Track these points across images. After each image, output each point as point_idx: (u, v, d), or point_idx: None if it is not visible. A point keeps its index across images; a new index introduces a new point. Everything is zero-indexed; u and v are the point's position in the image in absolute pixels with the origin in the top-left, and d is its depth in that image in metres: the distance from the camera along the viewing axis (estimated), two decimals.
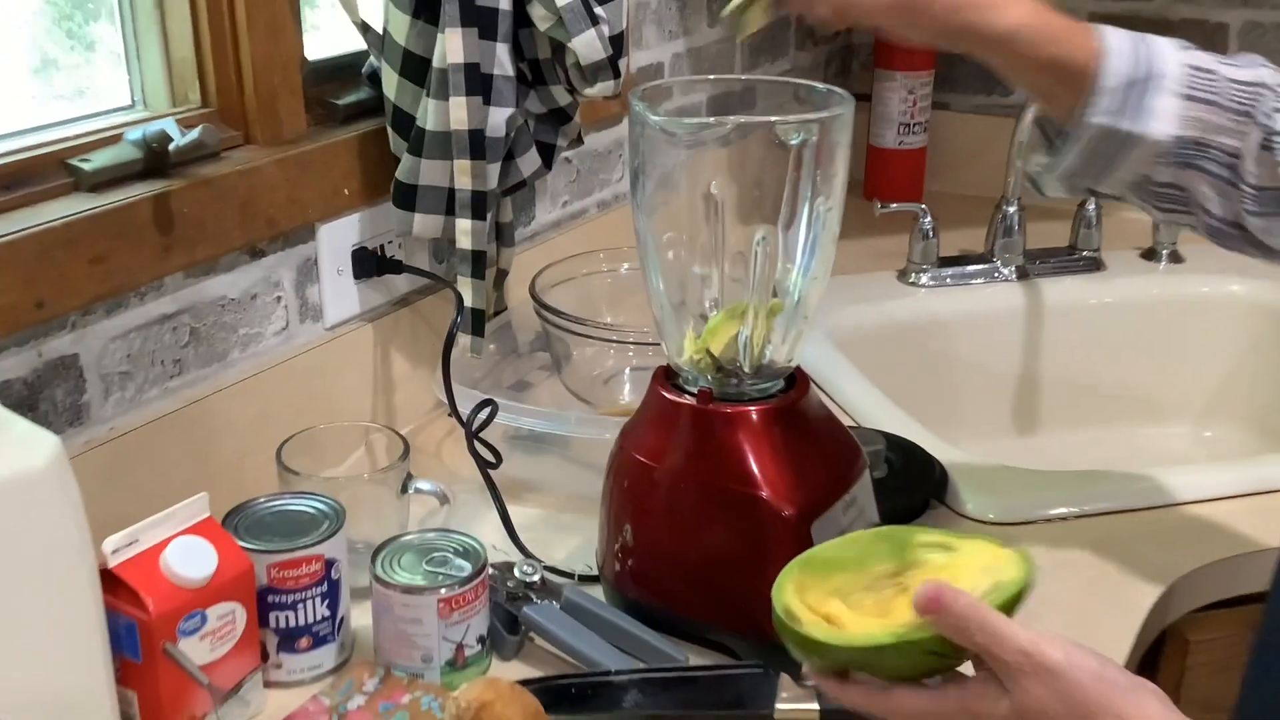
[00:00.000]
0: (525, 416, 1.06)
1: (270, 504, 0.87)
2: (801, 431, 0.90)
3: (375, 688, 0.83)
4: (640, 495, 0.91)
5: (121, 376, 0.92)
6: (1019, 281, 1.56)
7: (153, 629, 0.74)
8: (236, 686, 0.80)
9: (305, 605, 0.84)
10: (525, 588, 0.92)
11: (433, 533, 0.89)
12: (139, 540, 0.76)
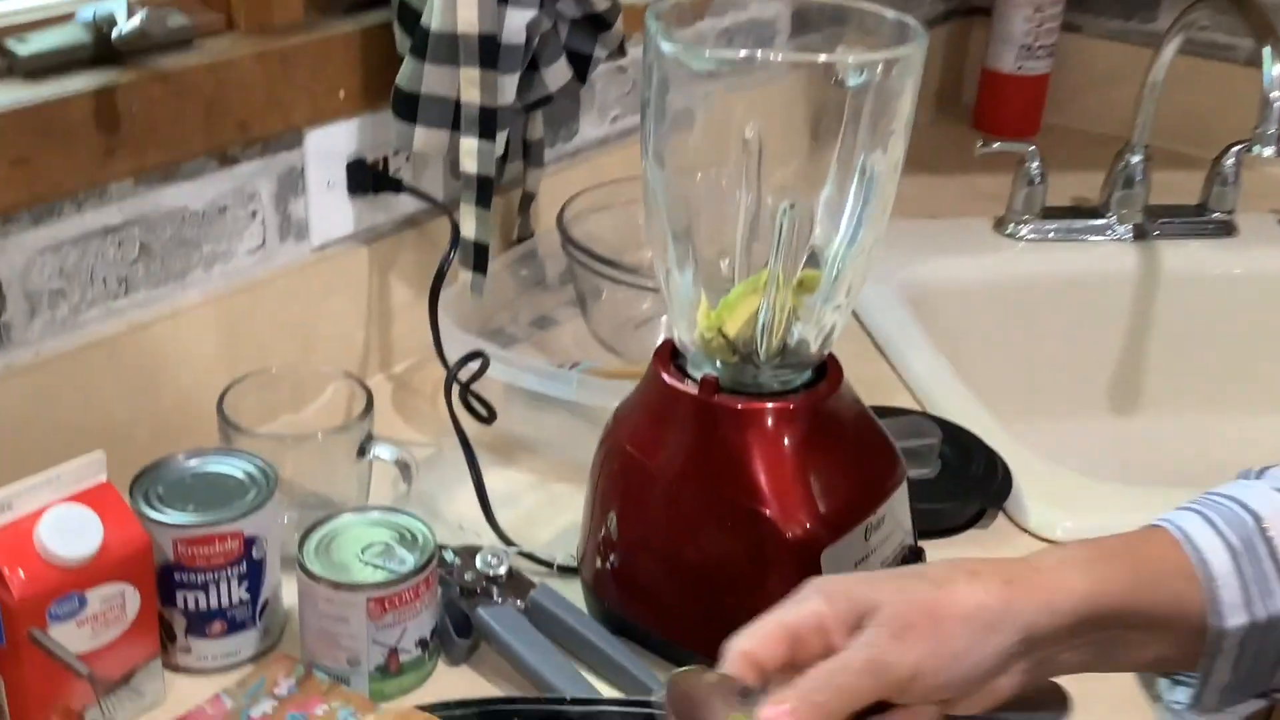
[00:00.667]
0: (520, 371, 0.92)
1: (192, 464, 0.75)
2: (826, 436, 0.74)
3: (289, 692, 0.71)
4: (629, 488, 0.77)
5: (53, 295, 0.80)
6: (1135, 242, 1.35)
7: (15, 613, 0.64)
8: (126, 676, 0.69)
9: (218, 586, 0.72)
10: (487, 582, 0.79)
11: (377, 511, 0.77)
12: (12, 506, 0.65)
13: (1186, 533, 0.60)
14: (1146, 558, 0.60)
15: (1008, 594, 0.56)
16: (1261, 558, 0.60)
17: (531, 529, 0.88)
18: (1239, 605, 0.59)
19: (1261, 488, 0.62)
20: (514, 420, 0.99)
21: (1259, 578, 0.59)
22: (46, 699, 0.66)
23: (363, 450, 0.83)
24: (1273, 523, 0.60)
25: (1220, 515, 0.61)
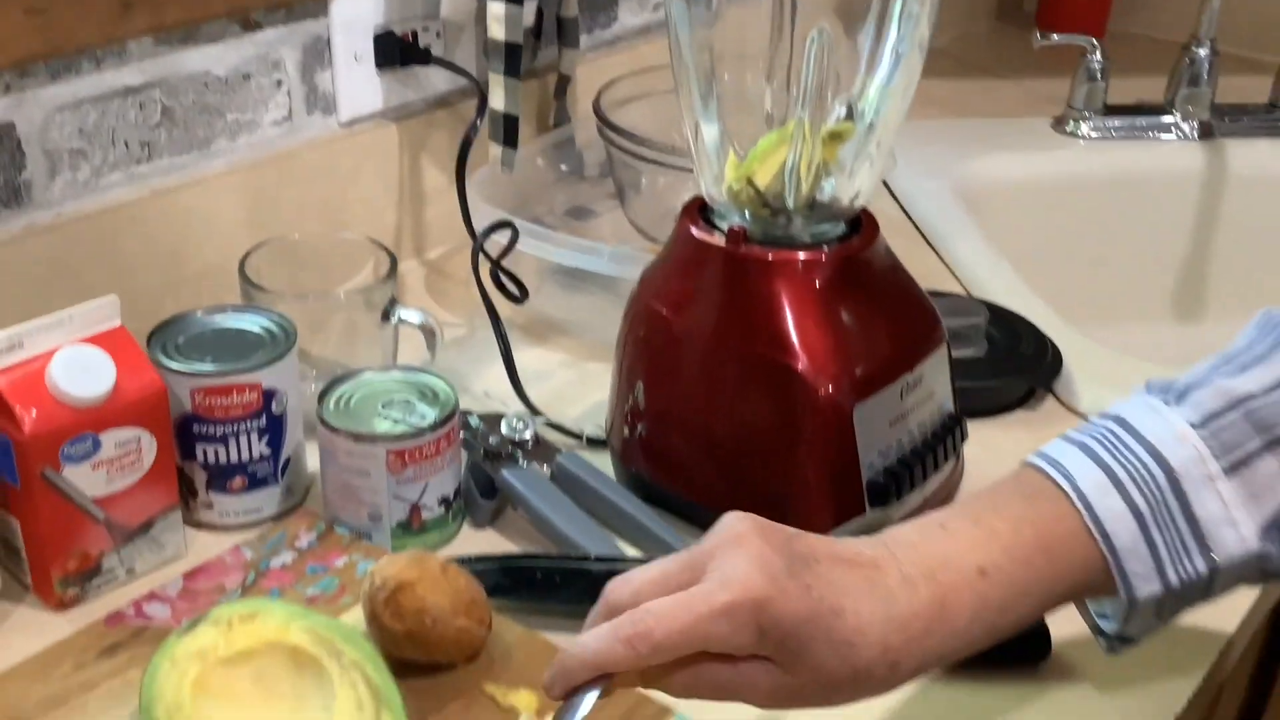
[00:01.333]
0: (551, 245, 0.90)
1: (211, 319, 0.74)
2: (860, 290, 0.71)
3: (309, 545, 0.70)
4: (657, 352, 0.75)
5: (73, 155, 0.79)
6: (1201, 141, 1.30)
7: (28, 450, 0.63)
8: (145, 526, 0.68)
9: (238, 440, 0.71)
10: (512, 446, 0.77)
11: (399, 370, 0.75)
12: (23, 345, 0.64)
13: (1088, 500, 0.54)
14: (1063, 569, 0.53)
15: (908, 675, 0.51)
16: (1175, 518, 0.53)
17: (561, 405, 0.86)
18: (1150, 575, 0.54)
19: (1178, 423, 0.55)
20: (547, 301, 0.97)
21: (1170, 542, 0.53)
22: (62, 543, 0.65)
23: (386, 314, 0.81)
24: (1189, 477, 0.53)
25: (1127, 470, 0.54)
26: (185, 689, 0.55)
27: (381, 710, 0.55)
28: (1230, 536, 0.53)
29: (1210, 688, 0.70)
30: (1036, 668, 0.68)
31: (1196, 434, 0.54)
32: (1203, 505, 0.53)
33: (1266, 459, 0.53)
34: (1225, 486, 0.53)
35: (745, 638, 0.47)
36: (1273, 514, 0.53)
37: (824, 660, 0.49)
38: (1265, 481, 0.53)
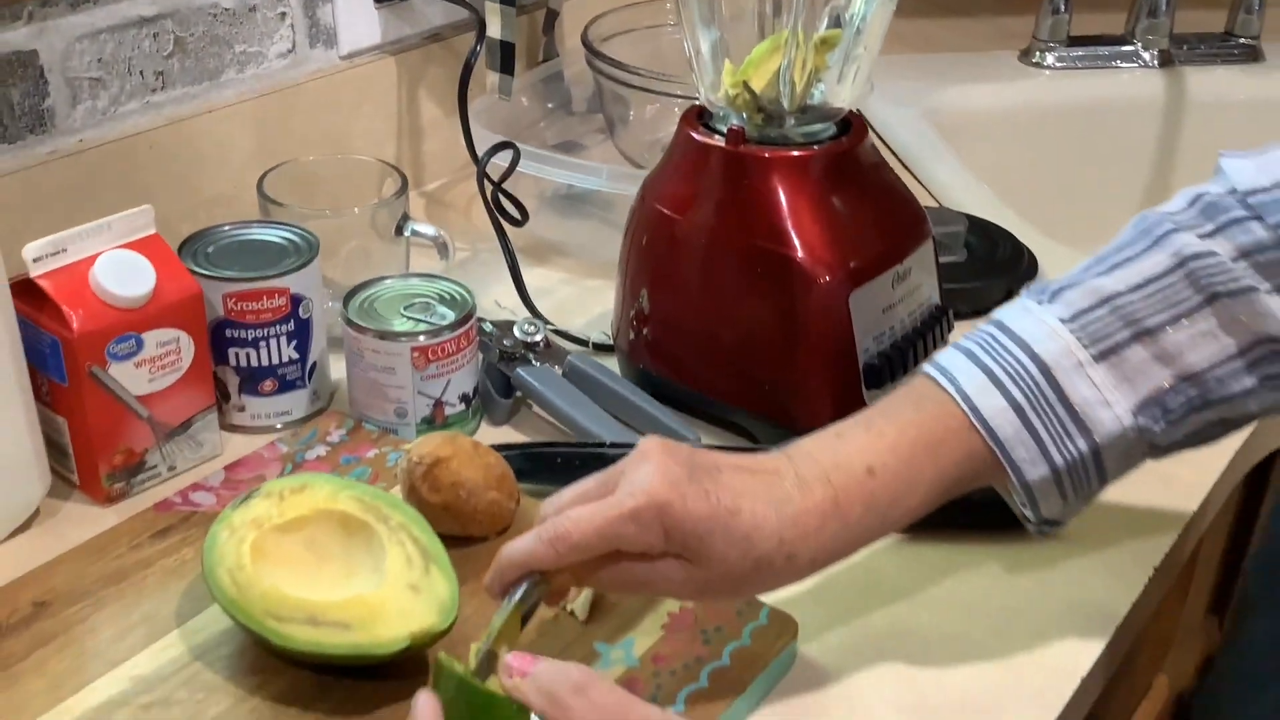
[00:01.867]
0: (552, 166, 0.94)
1: (236, 232, 0.78)
2: (851, 186, 0.76)
3: (341, 439, 0.74)
4: (660, 255, 0.79)
5: (92, 83, 0.82)
6: (1162, 69, 1.35)
7: (77, 348, 0.66)
8: (185, 424, 0.72)
9: (268, 344, 0.75)
10: (524, 348, 0.81)
11: (417, 278, 0.79)
12: (67, 250, 0.67)
13: (972, 402, 0.58)
14: (947, 464, 0.58)
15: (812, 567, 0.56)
16: (1053, 404, 0.57)
17: (565, 317, 0.90)
18: (1037, 458, 0.58)
19: (1049, 320, 0.59)
20: (544, 226, 1.01)
21: (1050, 425, 0.57)
22: (108, 439, 0.69)
23: (400, 229, 0.85)
24: (1060, 366, 0.57)
25: (1004, 368, 0.58)
26: (245, 552, 0.59)
27: (430, 565, 0.59)
28: (1106, 416, 0.57)
29: (1187, 543, 0.75)
30: (1023, 531, 0.73)
31: (1066, 328, 0.58)
32: (1076, 391, 0.57)
33: (1135, 348, 0.58)
34: (1096, 372, 0.57)
35: (652, 537, 0.53)
36: (1146, 395, 0.58)
37: (725, 554, 0.54)
38: (1135, 367, 0.58)
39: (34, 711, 0.56)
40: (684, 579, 0.54)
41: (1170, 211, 0.60)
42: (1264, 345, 0.58)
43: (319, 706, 0.57)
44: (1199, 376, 0.58)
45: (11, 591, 0.62)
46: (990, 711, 0.62)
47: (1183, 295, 0.58)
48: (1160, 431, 0.58)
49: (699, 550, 0.54)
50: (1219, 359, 0.58)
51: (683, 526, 0.53)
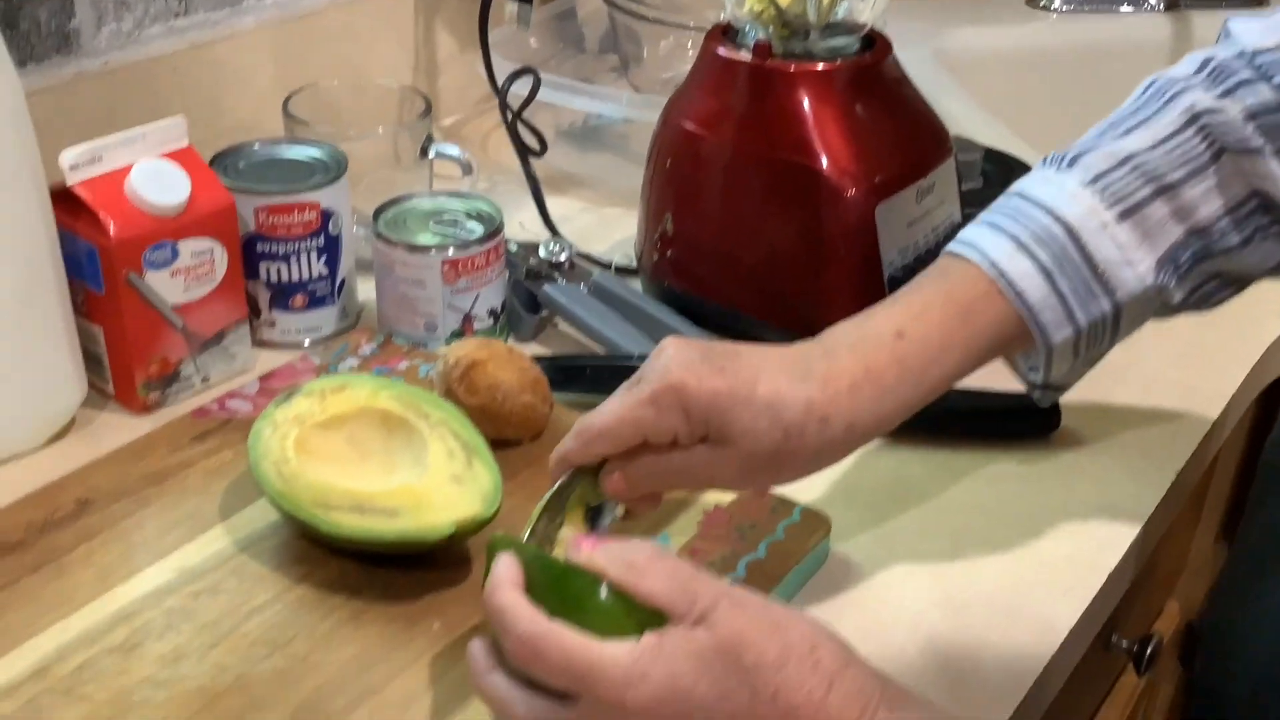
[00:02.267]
0: (572, 95, 0.94)
1: (266, 149, 0.78)
2: (876, 101, 0.77)
3: (372, 352, 0.75)
4: (685, 176, 0.79)
5: (117, 6, 0.83)
6: (1167, 12, 1.36)
7: (113, 255, 0.67)
8: (218, 336, 0.73)
9: (299, 258, 0.75)
10: (550, 267, 0.82)
11: (445, 195, 0.79)
12: (102, 159, 0.68)
13: (1000, 268, 0.58)
14: (979, 327, 0.57)
15: (849, 436, 0.55)
16: (1078, 267, 0.58)
17: (586, 242, 0.90)
18: (1063, 320, 0.58)
19: (1070, 185, 0.59)
20: (561, 158, 1.01)
21: (1076, 289, 0.58)
22: (144, 347, 0.70)
23: (425, 150, 0.85)
24: (1085, 228, 0.58)
25: (1031, 234, 0.58)
26: (289, 446, 0.60)
27: (472, 457, 0.60)
28: (1129, 275, 0.58)
29: (1208, 450, 0.77)
30: (1049, 438, 0.74)
31: (1088, 190, 0.58)
32: (1100, 251, 0.58)
33: (1155, 204, 0.59)
34: (1119, 231, 0.58)
35: (674, 420, 0.53)
36: (1165, 251, 0.59)
37: (752, 426, 0.53)
38: (1156, 224, 0.59)
39: (83, 599, 0.57)
40: (719, 462, 0.54)
41: (1179, 75, 0.61)
42: (1256, 198, 0.59)
43: (365, 594, 0.58)
44: (1206, 230, 0.59)
45: (54, 491, 0.63)
46: (1020, 606, 0.63)
47: (1196, 150, 0.59)
48: (1173, 287, 0.59)
49: (723, 427, 0.53)
50: (1222, 212, 0.59)
51: (700, 402, 0.53)
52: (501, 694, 0.48)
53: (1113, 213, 0.58)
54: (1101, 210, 0.58)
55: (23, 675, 0.53)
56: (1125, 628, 0.85)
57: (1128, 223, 0.58)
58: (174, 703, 0.52)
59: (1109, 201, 0.58)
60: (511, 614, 0.46)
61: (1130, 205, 0.58)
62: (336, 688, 0.53)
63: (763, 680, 0.44)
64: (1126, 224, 0.58)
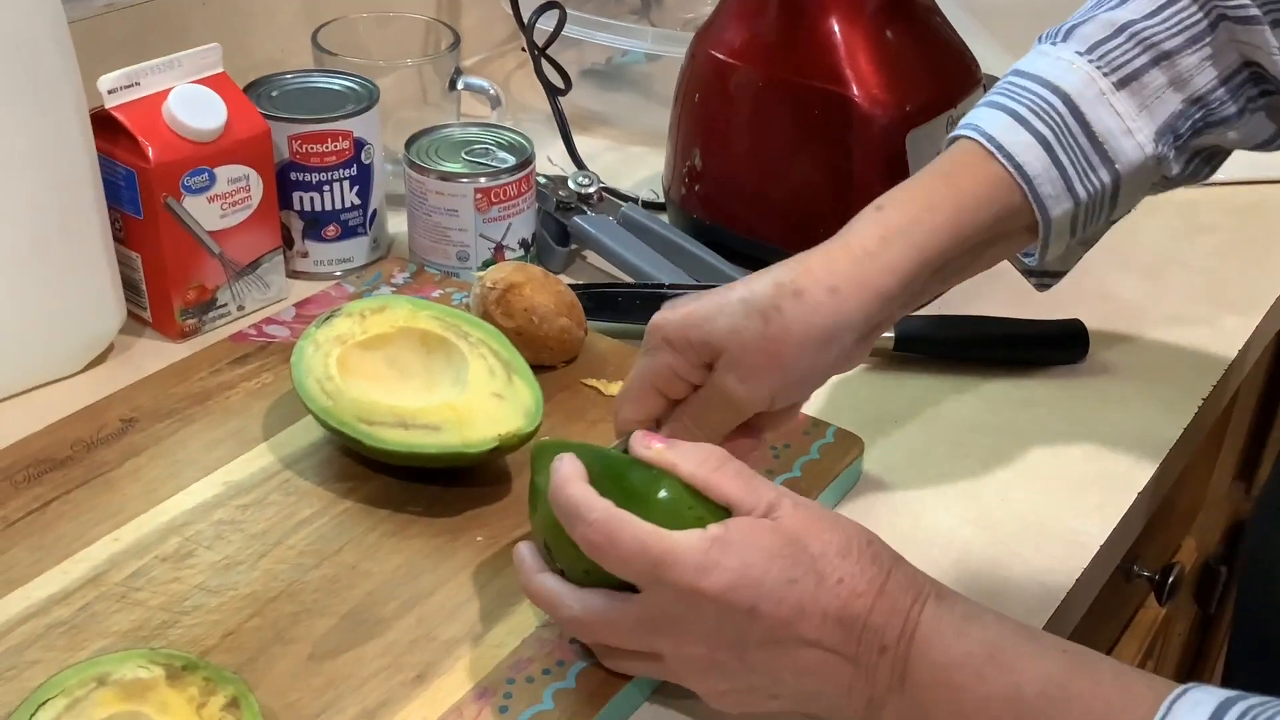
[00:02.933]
0: (597, 30, 0.94)
1: (298, 79, 0.78)
2: (905, 29, 0.77)
3: (405, 281, 0.75)
4: (714, 109, 0.80)
5: None
6: None
7: (152, 179, 0.67)
8: (253, 264, 0.73)
9: (332, 188, 0.76)
10: (579, 200, 0.83)
11: (476, 126, 0.80)
12: (140, 84, 0.68)
13: (997, 141, 0.56)
14: (965, 190, 0.56)
15: (835, 304, 0.53)
16: (1076, 137, 0.56)
17: (613, 179, 0.90)
18: (1062, 193, 0.56)
19: (1067, 55, 0.58)
20: (585, 97, 1.01)
21: (1075, 160, 0.56)
22: (182, 273, 0.70)
23: (453, 83, 0.85)
24: (1083, 96, 0.56)
25: (1028, 106, 0.57)
26: (332, 364, 0.60)
27: (512, 375, 0.61)
28: (1128, 145, 0.57)
29: (1231, 381, 0.77)
30: (1077, 366, 0.75)
31: (1085, 59, 0.57)
32: (1100, 121, 0.57)
33: (1153, 73, 0.57)
34: (1118, 100, 0.57)
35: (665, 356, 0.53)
36: (1164, 121, 0.58)
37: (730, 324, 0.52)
38: (1154, 93, 0.57)
39: (133, 511, 0.58)
40: (730, 383, 0.53)
41: None
42: (1248, 69, 0.58)
43: (409, 509, 0.59)
44: (1203, 99, 0.58)
45: (98, 410, 0.64)
46: (1050, 523, 0.64)
47: (1194, 18, 0.58)
48: (1172, 159, 0.59)
49: (708, 340, 0.52)
50: (1217, 83, 0.58)
51: (675, 325, 0.53)
52: (553, 592, 0.49)
53: (1110, 80, 0.57)
54: (1099, 79, 0.57)
55: (77, 582, 0.54)
56: (1146, 560, 0.87)
57: (1125, 91, 0.57)
58: (227, 608, 0.53)
59: (1106, 69, 0.57)
60: (585, 503, 0.47)
61: (1128, 73, 0.57)
62: (385, 594, 0.54)
63: (828, 567, 0.45)
64: (1124, 92, 0.57)
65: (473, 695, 0.50)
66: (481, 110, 0.92)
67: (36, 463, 0.60)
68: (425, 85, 0.86)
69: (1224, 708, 0.40)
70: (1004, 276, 0.83)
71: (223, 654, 0.51)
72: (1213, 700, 0.41)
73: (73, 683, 0.45)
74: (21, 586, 0.54)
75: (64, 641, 0.51)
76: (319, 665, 0.51)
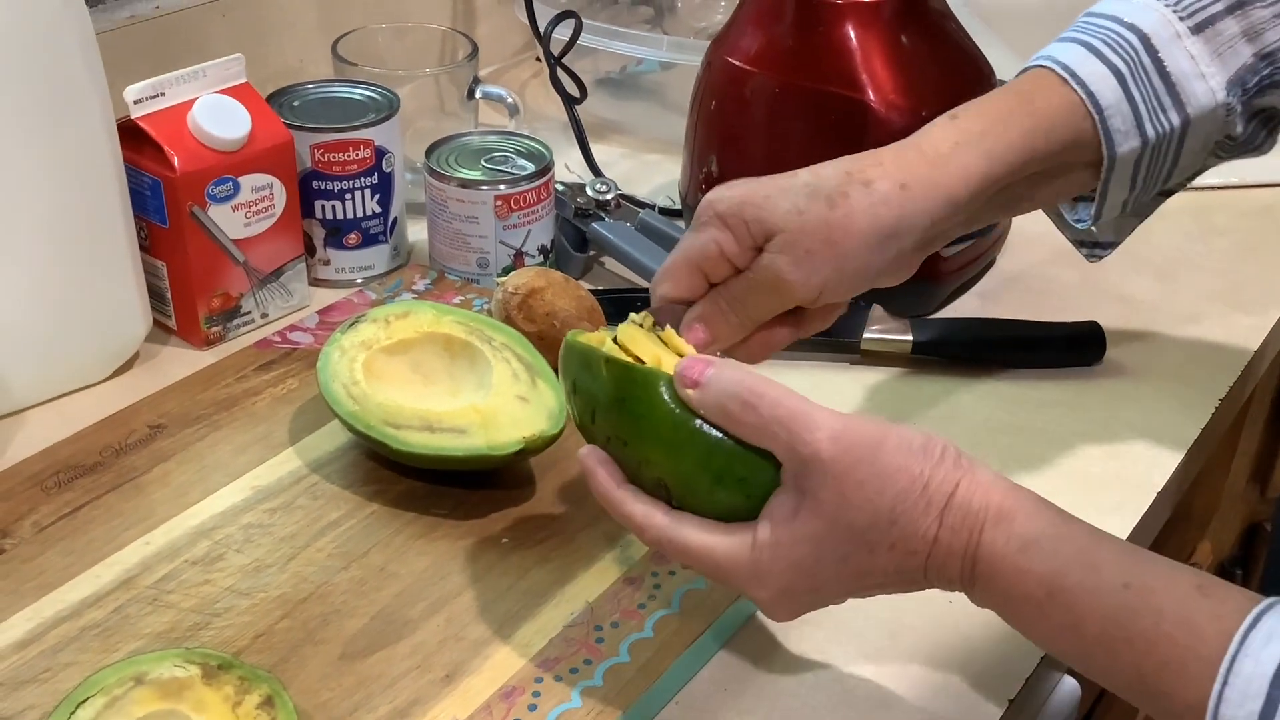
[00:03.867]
0: (612, 39, 0.95)
1: (319, 88, 0.79)
2: (921, 35, 0.77)
3: (426, 288, 0.76)
4: (730, 116, 0.80)
5: None
6: None
7: (179, 188, 0.68)
8: (276, 272, 0.74)
9: (353, 196, 0.76)
10: (597, 206, 0.83)
11: (495, 134, 0.81)
12: (165, 94, 0.69)
13: (1071, 69, 0.56)
14: (1039, 109, 0.56)
15: (904, 200, 0.53)
16: (1151, 75, 0.57)
17: (629, 186, 0.91)
18: (1131, 129, 0.57)
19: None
20: (600, 106, 1.02)
21: (1147, 97, 0.57)
22: (207, 281, 0.71)
23: (471, 92, 0.86)
24: (1159, 36, 0.57)
25: (1103, 40, 0.57)
26: (358, 369, 0.61)
27: (536, 378, 0.61)
28: (1200, 89, 0.57)
29: (1249, 379, 0.78)
30: (1094, 368, 0.75)
31: (1161, 2, 0.58)
32: (1174, 61, 0.57)
33: (1228, 20, 0.58)
34: (1192, 44, 0.57)
35: (714, 233, 0.52)
36: (1235, 72, 0.58)
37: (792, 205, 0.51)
38: (1227, 41, 0.58)
39: (163, 516, 0.58)
40: (781, 269, 0.52)
41: None
42: None
43: (434, 511, 0.59)
44: (1274, 55, 0.58)
45: (126, 416, 0.65)
46: None
47: None
48: (1239, 113, 0.58)
49: (765, 219, 0.51)
50: None
51: (734, 201, 0.52)
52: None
53: (1186, 24, 0.57)
54: (1175, 21, 0.57)
55: (110, 586, 0.55)
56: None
57: (1200, 36, 0.57)
58: (257, 609, 0.54)
59: (1183, 14, 0.57)
60: (636, 522, 0.48)
61: (1203, 19, 0.57)
62: (413, 595, 0.55)
63: (877, 536, 0.45)
64: (1199, 38, 0.57)
65: (501, 694, 0.50)
66: (499, 119, 0.92)
67: (67, 468, 0.61)
68: (443, 94, 0.86)
69: None
70: (1021, 280, 0.84)
71: (254, 655, 0.51)
72: None
73: (111, 681, 0.46)
74: (55, 590, 0.54)
75: (98, 643, 0.52)
76: (349, 665, 0.51)
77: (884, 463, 0.45)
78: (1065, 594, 0.43)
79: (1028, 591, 0.44)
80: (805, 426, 0.45)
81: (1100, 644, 0.43)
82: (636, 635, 0.53)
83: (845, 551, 0.45)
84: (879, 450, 0.45)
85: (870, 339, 0.75)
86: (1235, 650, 0.39)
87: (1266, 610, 0.40)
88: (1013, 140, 0.55)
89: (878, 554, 0.45)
